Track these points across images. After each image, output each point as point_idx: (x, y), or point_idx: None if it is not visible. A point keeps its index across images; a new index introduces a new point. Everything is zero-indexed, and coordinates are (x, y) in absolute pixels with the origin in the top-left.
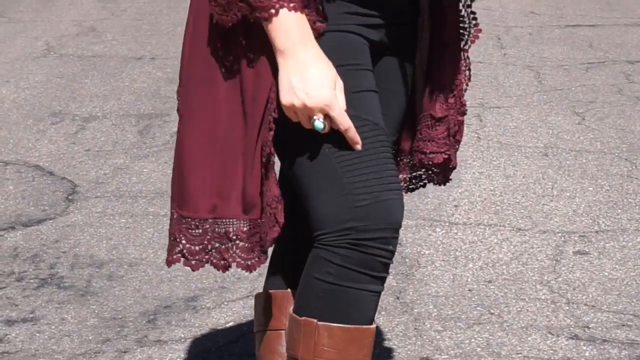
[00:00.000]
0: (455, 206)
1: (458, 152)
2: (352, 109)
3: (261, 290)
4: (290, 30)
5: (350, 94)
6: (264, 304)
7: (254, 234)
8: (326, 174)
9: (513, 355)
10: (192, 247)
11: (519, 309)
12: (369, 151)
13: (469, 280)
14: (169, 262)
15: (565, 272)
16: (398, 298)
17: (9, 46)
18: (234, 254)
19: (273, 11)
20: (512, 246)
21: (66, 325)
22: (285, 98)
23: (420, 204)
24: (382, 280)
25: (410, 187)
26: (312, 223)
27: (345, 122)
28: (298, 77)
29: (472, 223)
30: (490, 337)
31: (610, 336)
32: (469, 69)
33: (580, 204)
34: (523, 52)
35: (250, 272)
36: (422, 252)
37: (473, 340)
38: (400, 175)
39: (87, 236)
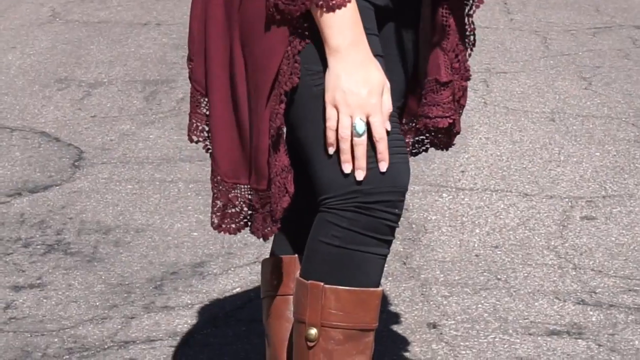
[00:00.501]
0: (462, 171)
1: (465, 118)
2: None
3: (268, 256)
4: (347, 29)
5: None
6: (271, 269)
7: (265, 204)
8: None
9: (520, 321)
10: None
11: (525, 275)
12: None
13: (476, 245)
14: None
15: (572, 238)
16: (405, 263)
17: (14, 12)
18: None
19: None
20: (518, 211)
21: (73, 291)
22: (331, 95)
23: (427, 170)
24: (389, 243)
25: (413, 151)
26: (317, 187)
27: (381, 132)
28: (347, 77)
29: (479, 188)
30: (497, 302)
31: (617, 301)
32: (474, 34)
33: (587, 169)
34: (529, 17)
35: (265, 240)
36: (429, 218)
37: (480, 305)
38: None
39: (93, 202)
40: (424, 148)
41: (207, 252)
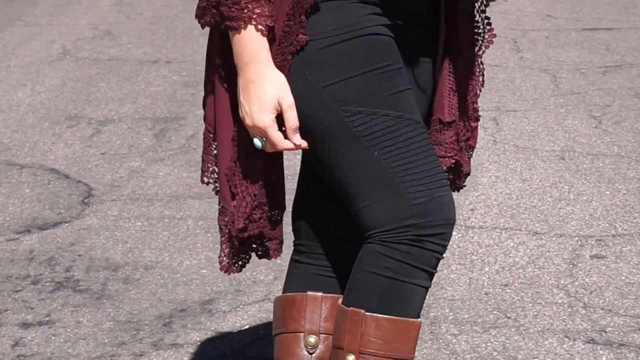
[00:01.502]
0: (472, 209)
1: (474, 156)
2: (394, 110)
3: (278, 294)
4: (248, 48)
5: (391, 95)
6: (283, 306)
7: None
8: (378, 177)
9: None
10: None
11: (535, 313)
12: (417, 150)
13: (485, 284)
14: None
15: (582, 276)
16: None
17: (25, 49)
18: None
19: (242, 23)
20: (528, 250)
21: (82, 328)
22: (239, 110)
23: None
24: (432, 275)
25: None
26: (364, 224)
27: (281, 146)
28: (242, 94)
29: (489, 227)
30: (507, 341)
31: (627, 340)
32: (483, 74)
33: (597, 207)
34: (540, 55)
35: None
36: None
37: (489, 344)
38: None
39: (102, 239)
40: None
41: (216, 290)
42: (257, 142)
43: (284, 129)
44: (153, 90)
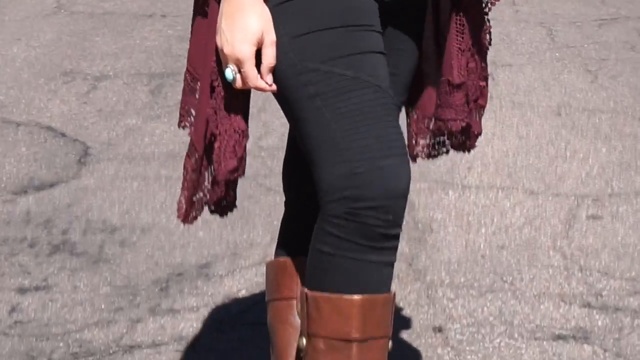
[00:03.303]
0: (469, 168)
1: None
2: (352, 71)
3: (272, 258)
4: None
5: (352, 55)
6: (275, 271)
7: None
8: (326, 141)
9: (525, 325)
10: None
11: (531, 277)
12: (369, 114)
13: (482, 246)
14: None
15: (579, 238)
16: (411, 265)
17: (20, 3)
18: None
19: None
20: (524, 210)
21: (79, 293)
22: (216, 37)
23: (433, 167)
24: (385, 250)
25: (433, 153)
26: (317, 191)
27: (253, 82)
28: (225, 21)
29: (485, 186)
30: (503, 305)
31: (623, 304)
32: (490, 33)
33: (594, 165)
34: (535, 8)
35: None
36: (435, 217)
37: (486, 308)
38: (423, 141)
39: (99, 200)
40: (444, 150)
41: (213, 253)
42: (228, 73)
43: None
44: (148, 45)
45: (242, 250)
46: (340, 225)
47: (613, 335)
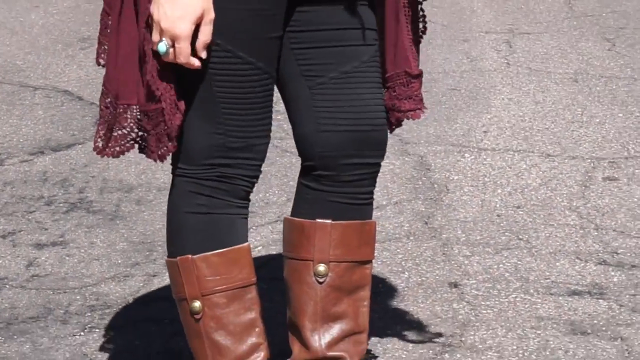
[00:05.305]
0: (485, 132)
1: (487, 78)
2: (248, 55)
3: (289, 215)
4: None
5: (253, 39)
6: (292, 230)
7: (157, 125)
8: (207, 111)
9: (541, 281)
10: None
11: (547, 235)
12: (249, 96)
13: (498, 205)
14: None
15: (594, 198)
16: (426, 223)
17: None
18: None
19: None
20: (541, 172)
21: (95, 249)
22: (152, 7)
23: (450, 130)
24: (248, 205)
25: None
26: (180, 153)
27: (186, 60)
28: None
29: (501, 149)
30: (519, 262)
31: (639, 262)
32: (424, 22)
33: (610, 130)
34: None
35: (162, 161)
36: (451, 178)
37: (501, 265)
38: None
39: (115, 161)
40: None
41: None
42: (161, 47)
43: None
44: None
45: (257, 209)
46: (214, 187)
47: (629, 291)
